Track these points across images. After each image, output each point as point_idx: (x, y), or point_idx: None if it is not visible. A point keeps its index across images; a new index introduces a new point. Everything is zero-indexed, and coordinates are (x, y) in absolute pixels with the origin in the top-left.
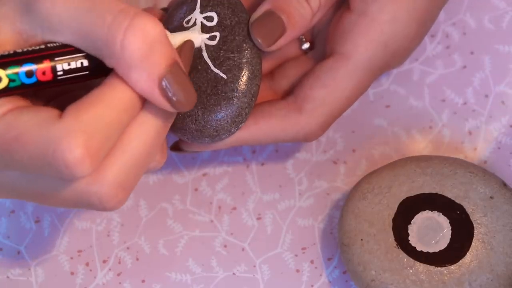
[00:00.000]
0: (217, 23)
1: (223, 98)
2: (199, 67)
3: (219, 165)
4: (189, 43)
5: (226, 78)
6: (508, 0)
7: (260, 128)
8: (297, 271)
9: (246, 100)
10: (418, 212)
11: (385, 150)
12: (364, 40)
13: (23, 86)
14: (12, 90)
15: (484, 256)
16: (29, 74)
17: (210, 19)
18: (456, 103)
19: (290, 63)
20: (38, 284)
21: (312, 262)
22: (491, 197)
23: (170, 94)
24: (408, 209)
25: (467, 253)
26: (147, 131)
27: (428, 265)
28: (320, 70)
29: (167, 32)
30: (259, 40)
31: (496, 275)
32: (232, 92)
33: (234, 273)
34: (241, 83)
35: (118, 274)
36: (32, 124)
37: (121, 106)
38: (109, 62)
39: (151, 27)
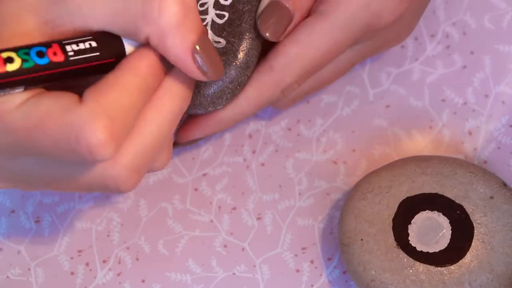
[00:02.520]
0: (230, 3)
1: (212, 81)
2: None
3: (219, 165)
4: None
5: None
6: (508, 0)
7: (238, 102)
8: (297, 271)
9: (231, 86)
10: (418, 212)
11: (385, 150)
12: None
13: (37, 67)
14: (28, 72)
15: (484, 256)
16: (40, 54)
17: None
18: (456, 103)
19: None
20: (38, 284)
21: (312, 262)
22: (491, 197)
23: (200, 63)
24: (408, 209)
25: (467, 253)
26: (163, 115)
27: (428, 265)
28: (296, 29)
29: None
30: (267, 35)
31: (496, 275)
32: (223, 79)
33: (234, 273)
34: (231, 69)
35: (118, 274)
36: (53, 110)
37: (138, 89)
38: (144, 34)
39: None
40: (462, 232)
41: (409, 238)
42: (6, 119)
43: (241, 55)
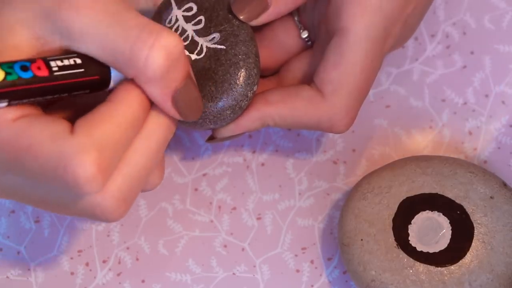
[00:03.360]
0: (197, 9)
1: (229, 65)
2: (196, 51)
3: (219, 165)
4: (188, 57)
5: (225, 47)
6: (508, 0)
7: (286, 106)
8: (297, 271)
9: (251, 60)
10: (418, 212)
11: (385, 150)
12: (358, 9)
13: (21, 81)
14: (12, 85)
15: (484, 256)
16: (24, 68)
17: (189, 9)
18: (456, 103)
19: (295, 57)
20: (38, 284)
21: (312, 262)
22: (491, 197)
23: (181, 104)
24: (408, 209)
25: (467, 253)
26: (149, 145)
27: (428, 265)
28: (328, 51)
29: None
30: (241, 17)
31: (496, 275)
32: (236, 56)
33: (234, 273)
34: (240, 45)
35: (118, 274)
36: (45, 135)
37: (129, 123)
38: (127, 74)
39: (174, 46)
40: (462, 232)
41: (409, 238)
42: None
43: (239, 31)
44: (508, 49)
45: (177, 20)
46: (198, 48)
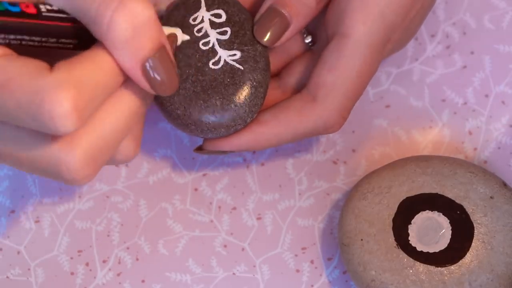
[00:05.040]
0: (226, 19)
1: (242, 88)
2: (214, 61)
3: (219, 165)
4: (173, 35)
5: (243, 69)
6: (508, 0)
7: (279, 122)
8: (297, 271)
9: (262, 90)
10: (418, 212)
11: (385, 150)
12: (361, 15)
13: (8, 13)
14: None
15: (484, 256)
16: (13, 4)
17: (218, 16)
18: (456, 103)
19: (296, 60)
20: (38, 284)
21: (312, 262)
22: (491, 197)
23: (152, 76)
24: (408, 209)
25: (467, 253)
26: (123, 108)
27: (428, 265)
28: (324, 55)
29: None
30: (264, 40)
31: (496, 275)
32: (250, 81)
33: (234, 273)
34: (258, 73)
35: (118, 274)
36: (23, 72)
37: (110, 70)
38: (95, 36)
39: (141, 10)
40: (462, 232)
41: (409, 238)
42: None
43: (259, 58)
44: (508, 49)
45: (202, 21)
46: (216, 58)
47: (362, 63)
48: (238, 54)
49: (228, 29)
